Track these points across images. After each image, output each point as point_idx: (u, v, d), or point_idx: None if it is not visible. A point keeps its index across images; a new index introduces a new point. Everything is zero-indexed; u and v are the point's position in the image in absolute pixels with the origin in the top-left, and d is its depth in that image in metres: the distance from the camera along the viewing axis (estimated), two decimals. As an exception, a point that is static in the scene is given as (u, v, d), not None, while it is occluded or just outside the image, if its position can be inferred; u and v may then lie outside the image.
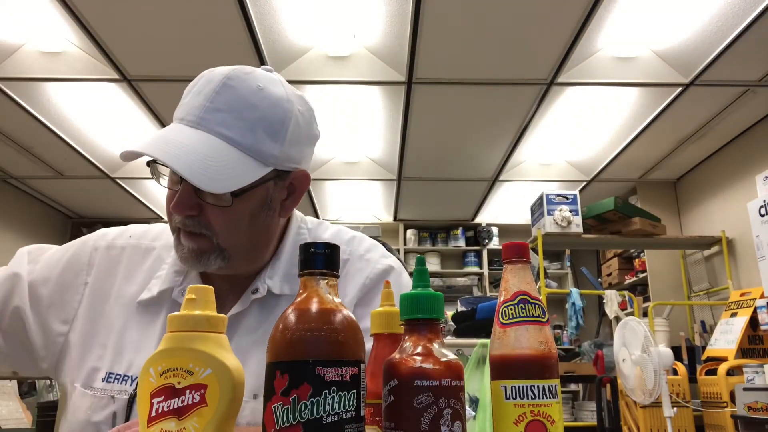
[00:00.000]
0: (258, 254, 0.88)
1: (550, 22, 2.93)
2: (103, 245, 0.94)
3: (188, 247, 0.82)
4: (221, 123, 0.79)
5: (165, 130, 0.80)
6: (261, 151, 0.80)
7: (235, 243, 0.83)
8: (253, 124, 0.79)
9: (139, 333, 0.86)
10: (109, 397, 0.82)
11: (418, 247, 6.23)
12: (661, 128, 4.06)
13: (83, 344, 0.88)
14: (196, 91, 0.81)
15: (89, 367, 0.85)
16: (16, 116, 3.79)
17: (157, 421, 0.47)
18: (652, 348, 2.75)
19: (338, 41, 3.16)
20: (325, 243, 0.51)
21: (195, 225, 0.81)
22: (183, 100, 0.83)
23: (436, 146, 4.40)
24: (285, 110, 0.82)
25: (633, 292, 4.97)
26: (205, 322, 0.50)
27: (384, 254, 0.96)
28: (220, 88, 0.80)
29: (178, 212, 0.80)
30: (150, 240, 0.96)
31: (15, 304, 0.89)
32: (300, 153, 0.86)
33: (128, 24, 2.93)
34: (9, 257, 0.97)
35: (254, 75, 0.83)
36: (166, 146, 0.76)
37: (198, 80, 0.83)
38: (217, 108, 0.79)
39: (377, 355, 0.58)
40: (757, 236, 3.12)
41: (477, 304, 3.16)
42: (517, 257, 0.57)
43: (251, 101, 0.80)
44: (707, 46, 3.10)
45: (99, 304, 0.90)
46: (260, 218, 0.85)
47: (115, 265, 0.93)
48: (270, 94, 0.82)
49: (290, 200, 0.89)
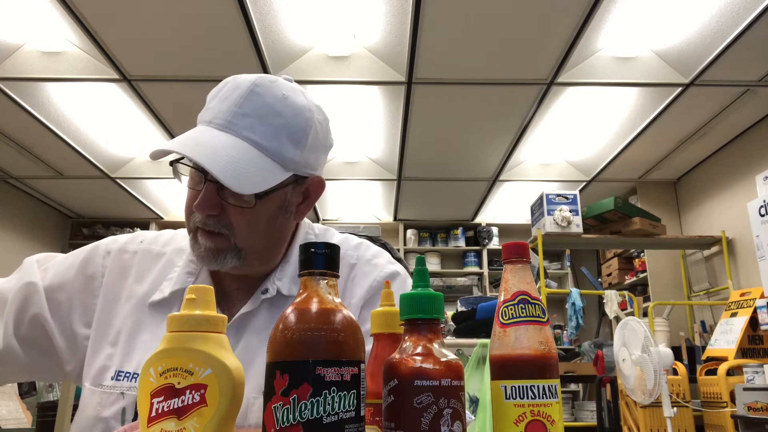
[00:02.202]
0: (271, 256, 0.91)
1: (550, 22, 2.93)
2: (116, 249, 0.96)
3: (205, 246, 0.84)
4: (248, 127, 0.82)
5: (194, 132, 0.83)
6: (283, 156, 0.84)
7: (252, 243, 0.86)
8: (277, 129, 0.83)
9: (150, 333, 0.88)
10: (119, 393, 0.83)
11: (418, 247, 6.23)
12: (661, 128, 4.06)
13: (93, 344, 0.89)
14: (223, 97, 0.85)
15: (99, 366, 0.86)
16: (16, 116, 3.79)
17: (157, 421, 0.47)
18: (652, 348, 2.75)
19: (338, 41, 3.16)
20: (325, 243, 0.51)
21: (215, 224, 0.84)
22: (209, 104, 0.86)
23: (436, 146, 4.40)
24: (306, 119, 0.87)
25: (633, 292, 4.97)
26: (205, 322, 0.50)
27: (390, 260, 0.98)
28: (247, 94, 0.83)
29: (201, 211, 0.82)
30: (161, 245, 0.97)
31: (33, 312, 0.90)
32: (317, 160, 0.90)
33: (128, 24, 2.93)
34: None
35: (279, 84, 0.87)
36: (198, 146, 0.79)
37: (223, 86, 0.86)
38: (245, 113, 0.83)
39: (377, 355, 0.58)
40: (757, 236, 3.12)
41: (477, 304, 3.16)
42: (517, 257, 0.57)
43: (276, 108, 0.84)
44: (707, 46, 3.10)
45: (110, 305, 0.91)
46: (277, 221, 0.88)
47: (126, 268, 0.94)
48: (293, 102, 0.86)
49: (305, 205, 0.93)
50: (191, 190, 0.86)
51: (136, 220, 6.08)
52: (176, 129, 4.04)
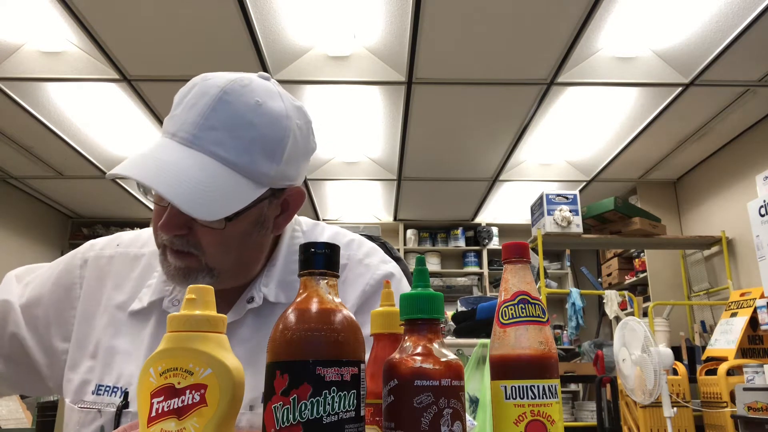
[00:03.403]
0: (248, 271, 0.86)
1: (550, 22, 2.93)
2: (92, 256, 0.92)
3: (175, 266, 0.79)
4: (216, 142, 0.74)
5: (156, 149, 0.75)
6: (256, 172, 0.76)
7: (225, 263, 0.80)
8: (249, 143, 0.75)
9: (128, 343, 0.85)
10: (96, 410, 0.81)
11: (418, 247, 6.22)
12: (661, 128, 4.06)
13: (72, 358, 0.86)
14: (189, 104, 0.76)
15: (79, 381, 0.84)
16: (16, 116, 3.79)
17: (157, 421, 0.47)
18: (652, 348, 2.75)
19: (338, 41, 3.16)
20: (325, 243, 0.51)
21: (183, 244, 0.78)
22: (174, 111, 0.78)
23: (436, 146, 4.40)
24: (283, 128, 0.78)
25: (633, 292, 4.97)
26: (205, 322, 0.50)
27: (384, 259, 0.93)
28: (215, 103, 0.75)
29: (167, 232, 0.77)
30: (139, 247, 0.93)
31: (11, 331, 0.88)
32: (296, 170, 0.83)
33: (128, 24, 2.93)
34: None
35: (252, 88, 0.77)
36: (159, 171, 0.72)
37: (191, 89, 0.78)
38: (212, 126, 0.74)
39: (377, 355, 0.58)
40: (757, 236, 3.12)
41: (477, 304, 3.17)
42: (517, 257, 0.57)
43: (248, 118, 0.75)
44: (707, 46, 3.10)
45: (89, 316, 0.88)
46: (252, 237, 0.82)
47: (104, 276, 0.91)
48: (268, 110, 0.77)
49: (283, 217, 0.86)
50: (157, 206, 0.80)
51: (136, 220, 6.08)
52: (176, 129, 4.04)
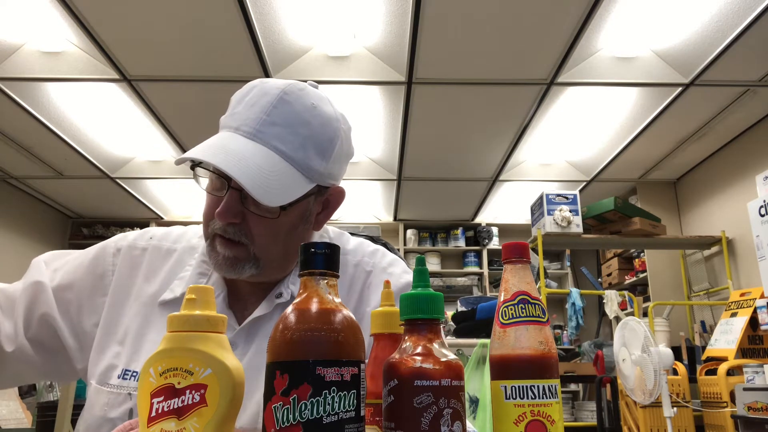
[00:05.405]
0: (288, 264, 0.90)
1: (550, 22, 2.93)
2: (125, 246, 0.95)
3: (224, 255, 0.83)
4: (276, 137, 0.81)
5: (221, 139, 0.81)
6: (309, 167, 0.83)
7: (271, 253, 0.85)
8: (305, 140, 0.82)
9: (158, 333, 0.87)
10: (126, 393, 0.82)
11: (418, 247, 6.22)
12: (661, 128, 4.06)
13: (100, 342, 0.88)
14: (250, 102, 0.83)
15: (106, 364, 0.85)
16: (16, 116, 3.79)
17: (157, 421, 0.47)
18: (652, 348, 2.75)
19: (338, 41, 3.16)
20: (325, 243, 0.51)
21: (235, 232, 0.82)
22: (234, 109, 0.84)
23: (436, 146, 4.40)
24: (334, 129, 0.86)
25: (633, 292, 4.97)
26: (205, 322, 0.50)
27: (405, 270, 0.98)
28: (277, 102, 0.82)
29: (223, 219, 0.81)
30: (171, 242, 0.96)
31: (41, 311, 0.89)
32: (339, 170, 0.90)
33: (128, 24, 2.93)
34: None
35: (307, 92, 0.85)
36: (226, 155, 0.77)
37: (250, 90, 0.84)
38: (273, 122, 0.81)
39: (377, 355, 0.58)
40: (757, 236, 3.12)
41: (477, 304, 3.17)
42: (517, 257, 0.57)
43: (305, 118, 0.82)
44: (707, 46, 3.10)
45: (119, 304, 0.90)
46: (297, 231, 0.87)
47: (136, 266, 0.93)
48: (322, 112, 0.85)
49: (324, 214, 0.92)
50: (211, 196, 0.84)
51: (136, 220, 6.08)
52: (176, 129, 4.04)
